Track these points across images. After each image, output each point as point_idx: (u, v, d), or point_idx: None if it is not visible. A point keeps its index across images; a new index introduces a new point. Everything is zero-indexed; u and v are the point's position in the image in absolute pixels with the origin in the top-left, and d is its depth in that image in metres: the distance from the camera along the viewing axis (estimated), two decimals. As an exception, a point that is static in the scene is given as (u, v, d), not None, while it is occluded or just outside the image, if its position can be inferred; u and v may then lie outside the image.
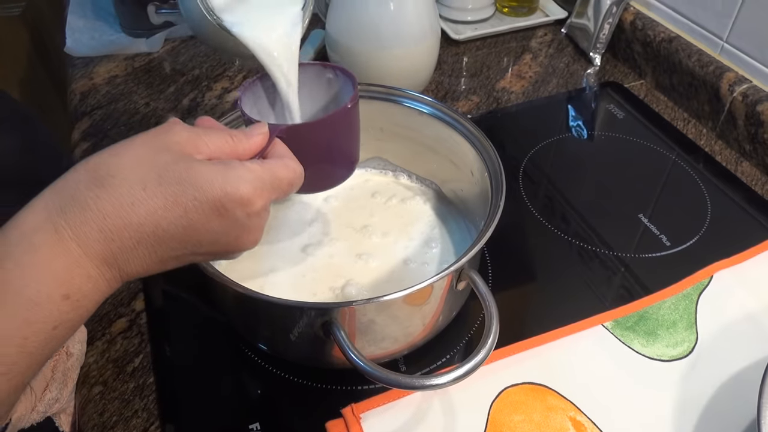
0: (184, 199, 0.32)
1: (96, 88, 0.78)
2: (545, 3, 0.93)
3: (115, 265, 0.32)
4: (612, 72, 0.82)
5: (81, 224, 0.30)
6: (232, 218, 0.34)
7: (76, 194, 0.31)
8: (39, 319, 0.30)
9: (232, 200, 0.33)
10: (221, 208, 0.33)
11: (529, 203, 0.62)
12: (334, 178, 0.47)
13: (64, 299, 0.30)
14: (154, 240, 0.32)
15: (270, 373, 0.48)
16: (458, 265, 0.41)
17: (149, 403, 0.46)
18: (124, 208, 0.31)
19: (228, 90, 0.77)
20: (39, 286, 0.30)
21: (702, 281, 0.53)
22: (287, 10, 0.45)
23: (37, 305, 0.29)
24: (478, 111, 0.75)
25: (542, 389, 0.46)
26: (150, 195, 0.31)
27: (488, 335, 0.39)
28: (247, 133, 0.38)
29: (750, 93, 0.66)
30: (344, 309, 0.40)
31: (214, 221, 0.33)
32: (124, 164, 0.32)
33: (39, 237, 0.30)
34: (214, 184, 0.33)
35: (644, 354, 0.48)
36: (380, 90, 0.55)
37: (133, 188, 0.31)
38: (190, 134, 0.35)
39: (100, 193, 0.31)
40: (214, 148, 0.35)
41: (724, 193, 0.63)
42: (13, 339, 0.29)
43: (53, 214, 0.31)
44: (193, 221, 0.33)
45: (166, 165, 0.32)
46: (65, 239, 0.30)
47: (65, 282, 0.30)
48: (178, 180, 0.32)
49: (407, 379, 0.37)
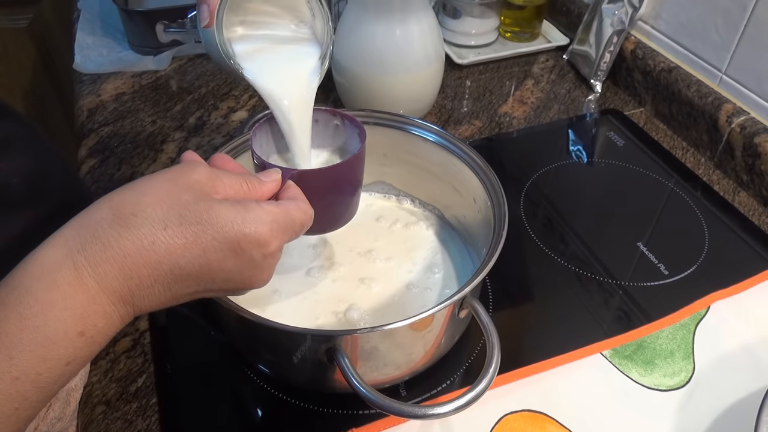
0: (204, 239, 0.33)
1: (103, 105, 0.79)
2: (548, 29, 0.94)
3: (131, 302, 0.33)
4: (612, 99, 0.83)
5: (101, 262, 0.31)
6: (248, 258, 0.35)
7: (98, 232, 0.32)
8: (54, 356, 0.30)
9: (250, 241, 0.34)
10: (238, 249, 0.34)
11: (529, 228, 0.63)
12: (337, 221, 0.48)
13: (79, 336, 0.31)
14: (171, 278, 0.33)
15: (272, 396, 0.49)
16: (460, 295, 0.41)
17: (152, 423, 0.47)
18: (145, 248, 0.32)
19: (234, 109, 0.78)
20: (57, 324, 0.30)
21: (699, 311, 0.54)
22: (306, 61, 0.46)
23: (53, 343, 0.30)
24: (480, 135, 0.76)
25: (541, 417, 0.47)
26: (171, 235, 0.32)
27: (489, 364, 0.39)
28: (261, 179, 0.39)
29: (748, 125, 0.67)
30: (348, 336, 0.40)
31: (230, 260, 0.34)
32: (146, 203, 0.33)
33: (61, 274, 0.31)
34: (234, 225, 0.34)
35: (642, 383, 0.49)
36: (385, 117, 0.56)
37: (154, 228, 0.32)
38: (210, 174, 0.36)
39: (122, 232, 0.32)
40: (231, 191, 0.36)
41: (721, 223, 0.64)
42: (28, 375, 0.29)
43: (73, 250, 0.31)
44: (210, 260, 0.34)
45: (188, 205, 0.33)
46: (84, 276, 0.31)
47: (81, 319, 0.31)
48: (199, 220, 0.33)
49: (410, 408, 0.38)
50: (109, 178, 0.68)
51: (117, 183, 0.67)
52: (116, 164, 0.70)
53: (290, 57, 0.45)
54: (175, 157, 0.71)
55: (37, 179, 0.48)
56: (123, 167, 0.69)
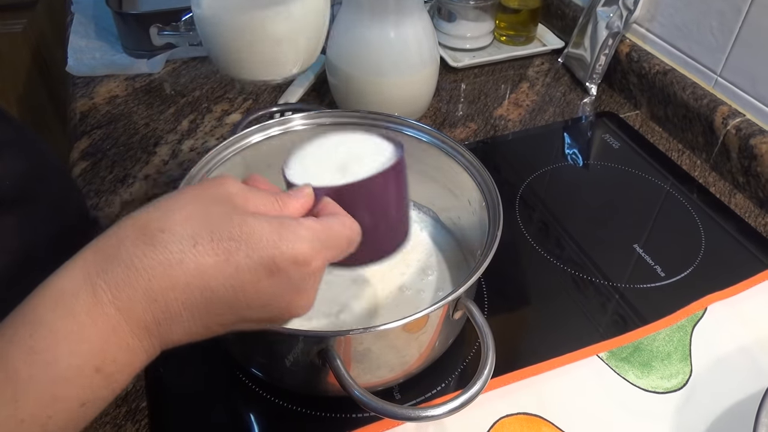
0: (237, 257, 0.30)
1: (96, 108, 0.78)
2: (543, 33, 0.94)
3: (156, 333, 0.29)
4: (608, 102, 0.83)
5: (124, 286, 0.28)
6: (285, 278, 0.31)
7: (120, 252, 0.28)
8: (66, 396, 0.27)
9: (287, 259, 0.31)
10: (274, 267, 0.31)
11: (525, 230, 0.63)
12: (389, 245, 0.43)
13: (96, 372, 0.27)
14: (201, 302, 0.29)
15: (264, 400, 0.48)
16: (455, 295, 0.41)
17: (141, 428, 0.46)
18: (173, 266, 0.28)
19: (228, 112, 0.78)
20: (70, 360, 0.27)
21: (696, 313, 0.54)
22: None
23: (66, 381, 0.27)
24: (475, 138, 0.75)
25: (537, 420, 0.46)
26: (201, 252, 0.29)
27: (484, 367, 0.39)
28: (292, 195, 0.35)
29: (743, 126, 0.67)
30: (340, 338, 0.40)
31: (264, 281, 0.31)
32: (174, 220, 0.30)
33: (78, 301, 0.27)
34: (269, 241, 0.30)
35: (639, 386, 0.48)
36: (380, 118, 0.55)
37: (183, 244, 0.29)
38: (241, 188, 0.33)
39: (147, 250, 0.28)
40: (262, 208, 0.33)
41: (718, 225, 0.64)
42: (38, 419, 0.26)
43: (92, 274, 0.28)
44: (244, 282, 0.30)
45: (219, 219, 0.30)
46: (103, 303, 0.28)
47: (100, 353, 0.27)
48: (231, 236, 0.30)
49: (403, 410, 0.37)
50: (101, 181, 0.67)
51: (109, 185, 0.67)
52: (108, 167, 0.69)
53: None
54: (168, 160, 0.70)
55: (29, 181, 0.48)
56: (115, 170, 0.69)
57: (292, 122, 0.55)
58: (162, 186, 0.67)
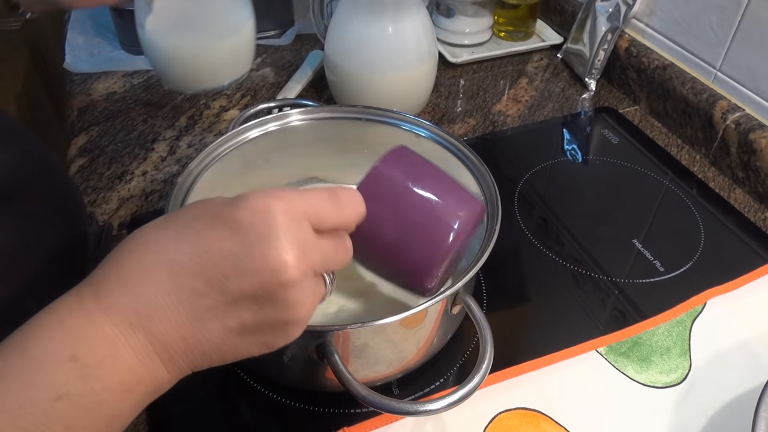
0: (198, 224, 0.29)
1: (94, 104, 0.78)
2: (541, 28, 0.94)
3: (138, 324, 0.28)
4: (607, 97, 0.83)
5: (100, 281, 0.29)
6: (250, 230, 0.28)
7: (102, 262, 0.29)
8: (38, 383, 0.26)
9: (246, 209, 0.28)
10: (233, 223, 0.28)
11: (524, 226, 0.63)
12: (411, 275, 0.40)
13: (70, 360, 0.26)
14: (174, 281, 0.28)
15: (262, 395, 0.48)
16: (453, 289, 0.41)
17: (139, 423, 0.46)
18: (139, 251, 0.29)
19: (226, 108, 0.78)
20: (45, 344, 0.26)
21: (696, 308, 0.53)
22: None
23: (39, 365, 0.26)
24: (474, 134, 0.75)
25: (536, 415, 0.46)
26: (164, 229, 0.30)
27: (482, 361, 0.39)
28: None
29: (743, 121, 0.66)
30: (338, 332, 0.40)
31: (229, 240, 0.28)
32: (157, 224, 0.31)
33: (62, 301, 0.28)
34: (226, 201, 0.30)
35: (638, 380, 0.48)
36: (377, 112, 0.55)
37: (150, 230, 0.30)
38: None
39: (121, 246, 0.29)
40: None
41: (717, 220, 0.64)
42: (6, 408, 0.25)
43: (80, 285, 0.29)
44: (208, 243, 0.28)
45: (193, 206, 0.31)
46: (85, 299, 0.28)
47: (73, 338, 0.27)
48: (194, 215, 0.30)
49: (401, 404, 0.37)
50: (98, 177, 0.67)
51: (107, 182, 0.66)
52: (106, 163, 0.69)
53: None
54: (165, 156, 0.70)
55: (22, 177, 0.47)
56: (113, 166, 0.69)
57: (290, 118, 0.55)
58: (160, 183, 0.67)
